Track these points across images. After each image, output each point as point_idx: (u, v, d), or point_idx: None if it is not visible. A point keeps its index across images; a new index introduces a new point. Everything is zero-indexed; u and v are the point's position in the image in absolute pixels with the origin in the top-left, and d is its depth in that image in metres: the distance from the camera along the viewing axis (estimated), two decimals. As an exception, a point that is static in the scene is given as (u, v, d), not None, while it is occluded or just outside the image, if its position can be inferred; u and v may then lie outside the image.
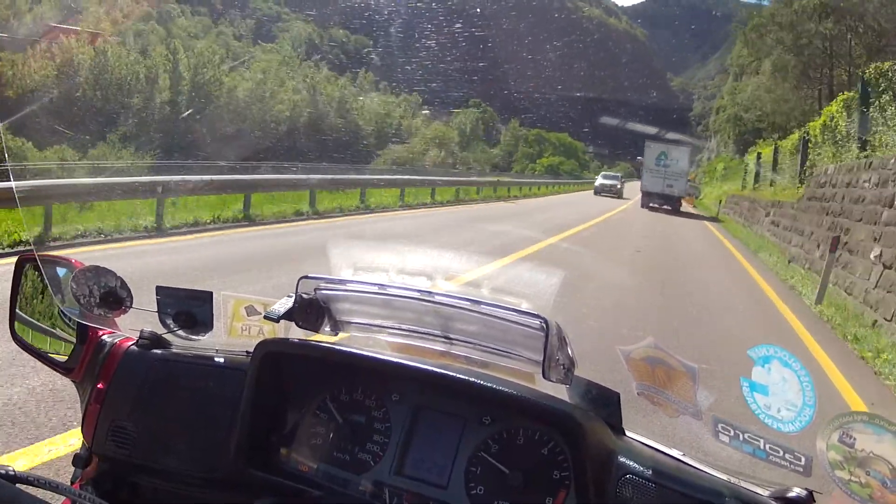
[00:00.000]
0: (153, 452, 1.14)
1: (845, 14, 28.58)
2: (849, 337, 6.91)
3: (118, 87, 33.22)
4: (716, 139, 58.88)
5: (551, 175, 55.90)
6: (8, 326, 1.27)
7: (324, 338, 1.18)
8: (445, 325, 1.13)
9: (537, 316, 1.02)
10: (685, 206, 28.10)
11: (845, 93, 15.05)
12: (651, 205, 25.84)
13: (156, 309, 1.25)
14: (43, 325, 1.28)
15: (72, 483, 1.18)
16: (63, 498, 0.93)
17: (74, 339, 1.24)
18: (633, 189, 35.03)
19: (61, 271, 1.25)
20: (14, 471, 0.83)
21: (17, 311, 1.27)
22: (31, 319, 1.28)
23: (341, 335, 1.21)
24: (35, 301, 1.28)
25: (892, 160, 8.67)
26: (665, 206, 25.50)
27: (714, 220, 24.42)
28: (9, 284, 1.27)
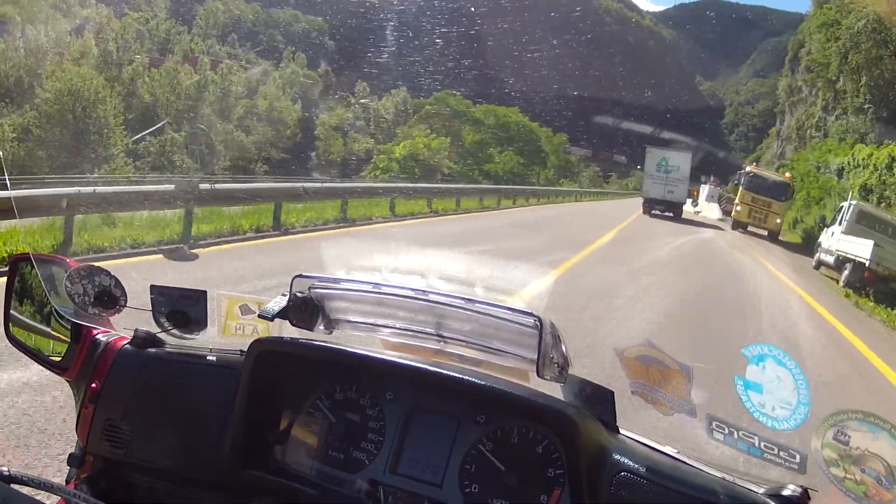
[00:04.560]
0: (148, 452, 1.14)
1: None
2: None
3: None
4: (794, 114, 31.47)
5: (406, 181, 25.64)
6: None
7: (318, 336, 1.18)
8: (439, 324, 1.12)
9: (531, 314, 1.01)
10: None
11: None
12: (653, 212, 25.35)
13: (150, 308, 1.25)
14: (37, 324, 1.27)
15: (67, 482, 1.18)
16: (58, 498, 0.93)
17: (69, 338, 1.23)
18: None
19: (56, 270, 1.24)
20: (9, 470, 0.83)
21: (12, 310, 1.27)
22: (25, 318, 1.28)
23: (336, 334, 1.21)
24: (29, 300, 1.27)
25: None
26: (667, 213, 24.96)
27: None
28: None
